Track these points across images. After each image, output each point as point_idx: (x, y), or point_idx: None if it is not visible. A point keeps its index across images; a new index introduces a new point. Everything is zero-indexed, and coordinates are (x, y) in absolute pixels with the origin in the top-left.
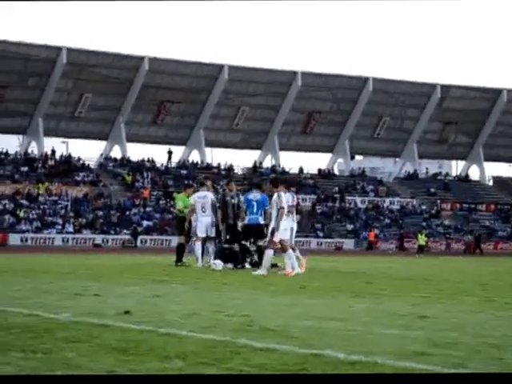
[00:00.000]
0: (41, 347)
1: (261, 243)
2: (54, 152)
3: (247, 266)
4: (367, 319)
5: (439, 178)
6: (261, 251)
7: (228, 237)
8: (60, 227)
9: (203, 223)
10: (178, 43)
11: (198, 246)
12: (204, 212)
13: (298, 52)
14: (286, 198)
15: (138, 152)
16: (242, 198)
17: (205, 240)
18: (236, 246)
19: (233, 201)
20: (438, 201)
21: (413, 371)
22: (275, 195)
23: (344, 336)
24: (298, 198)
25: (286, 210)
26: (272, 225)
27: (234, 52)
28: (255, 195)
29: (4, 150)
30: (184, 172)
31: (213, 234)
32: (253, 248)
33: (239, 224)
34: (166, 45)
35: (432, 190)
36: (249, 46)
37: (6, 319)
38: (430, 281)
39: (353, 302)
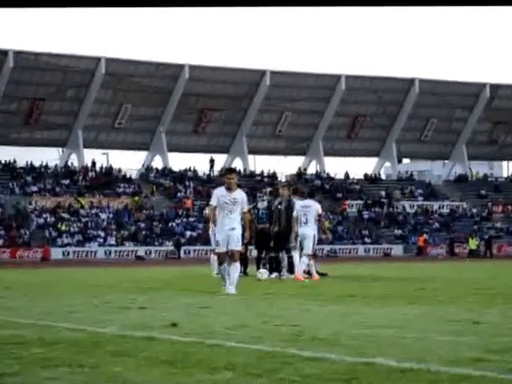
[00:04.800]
0: (88, 362)
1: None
2: (94, 164)
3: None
4: (420, 326)
5: (490, 179)
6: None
7: (272, 245)
8: (102, 240)
9: None
10: (217, 50)
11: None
12: None
13: (341, 55)
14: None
15: (179, 161)
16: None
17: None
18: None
19: (279, 206)
20: (489, 203)
21: (469, 378)
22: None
23: (396, 343)
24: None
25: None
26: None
27: (275, 57)
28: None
29: (44, 164)
30: None
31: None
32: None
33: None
34: (206, 52)
35: (483, 192)
36: (290, 51)
37: (54, 334)
38: (483, 285)
39: (405, 308)
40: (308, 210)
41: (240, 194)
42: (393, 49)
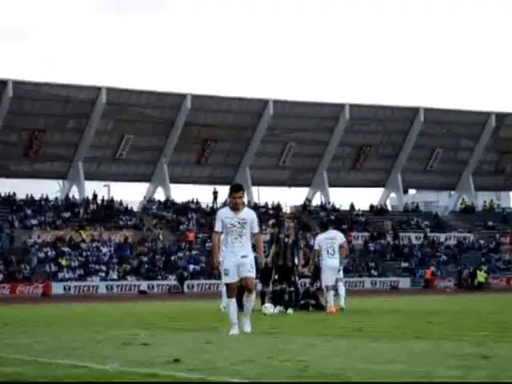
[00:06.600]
0: None
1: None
2: (95, 196)
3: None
4: (428, 360)
5: (497, 210)
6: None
7: (276, 277)
8: (104, 274)
9: None
10: (219, 79)
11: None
12: None
13: (344, 84)
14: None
15: (182, 193)
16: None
17: None
18: (287, 288)
19: (286, 240)
20: (497, 234)
21: None
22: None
23: (404, 378)
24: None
25: None
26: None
27: (278, 86)
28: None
29: (44, 196)
30: None
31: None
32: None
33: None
34: (208, 81)
35: (490, 223)
36: (293, 80)
37: (54, 371)
38: (492, 319)
39: (413, 343)
40: (334, 241)
41: (249, 214)
42: (397, 77)
